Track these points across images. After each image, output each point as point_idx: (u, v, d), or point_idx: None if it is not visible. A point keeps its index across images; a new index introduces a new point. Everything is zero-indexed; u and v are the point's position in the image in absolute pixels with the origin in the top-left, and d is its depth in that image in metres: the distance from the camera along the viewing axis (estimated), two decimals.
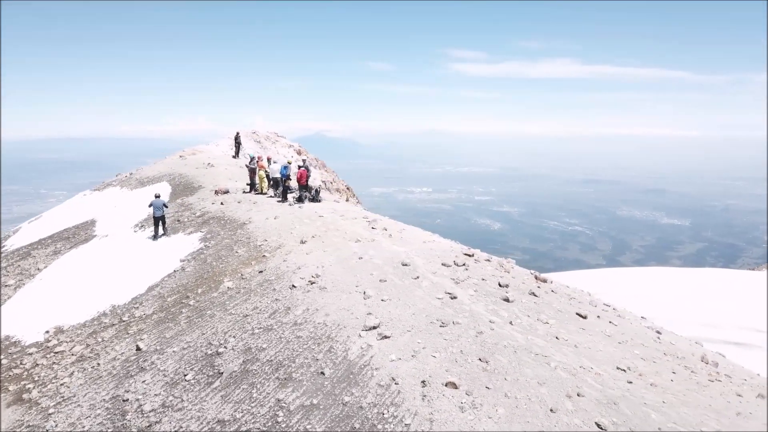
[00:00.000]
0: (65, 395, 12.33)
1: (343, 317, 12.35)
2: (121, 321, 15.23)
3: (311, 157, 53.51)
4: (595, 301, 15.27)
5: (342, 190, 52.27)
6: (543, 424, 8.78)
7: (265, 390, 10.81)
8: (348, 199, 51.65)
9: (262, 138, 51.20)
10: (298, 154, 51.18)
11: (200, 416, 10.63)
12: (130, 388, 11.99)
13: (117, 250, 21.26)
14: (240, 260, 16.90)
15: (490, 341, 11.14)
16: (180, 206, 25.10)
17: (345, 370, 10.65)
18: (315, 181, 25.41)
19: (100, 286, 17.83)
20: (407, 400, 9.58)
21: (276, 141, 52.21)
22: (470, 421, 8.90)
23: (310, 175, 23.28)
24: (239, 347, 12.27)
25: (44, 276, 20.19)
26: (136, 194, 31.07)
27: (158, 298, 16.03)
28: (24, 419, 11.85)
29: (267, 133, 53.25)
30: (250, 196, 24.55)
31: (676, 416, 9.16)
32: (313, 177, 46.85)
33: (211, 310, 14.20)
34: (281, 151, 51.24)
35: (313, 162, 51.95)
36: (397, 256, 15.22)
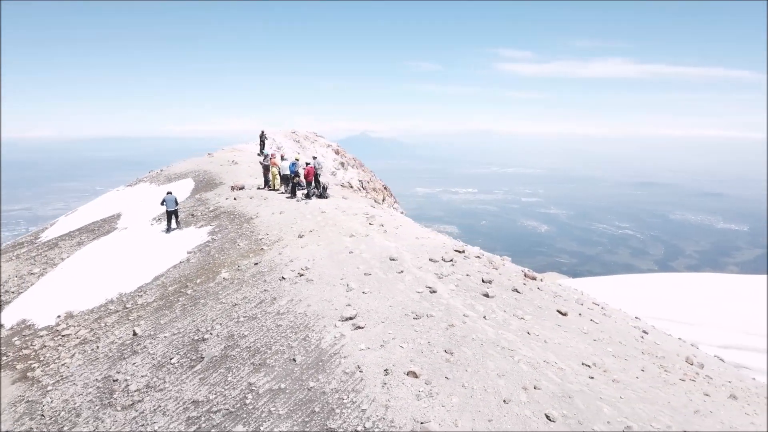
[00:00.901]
0: (64, 374, 13.19)
1: (323, 308, 12.80)
2: (125, 308, 16.09)
3: (349, 156, 54.05)
4: (583, 300, 15.27)
5: (378, 190, 52.71)
6: (493, 414, 9.01)
7: (239, 374, 11.35)
8: (384, 199, 52.04)
9: (301, 138, 51.94)
10: (336, 154, 51.76)
11: (178, 396, 11.26)
12: (121, 369, 12.74)
13: (132, 242, 22.30)
14: (240, 253, 17.57)
15: (459, 334, 11.40)
16: (197, 201, 26.08)
17: (315, 358, 11.09)
18: (326, 178, 25.96)
19: (111, 275, 18.80)
20: (368, 387, 9.95)
21: (315, 141, 52.91)
22: (423, 408, 9.21)
23: (320, 173, 23.85)
24: (223, 334, 12.87)
25: (65, 265, 21.40)
26: (163, 189, 32.20)
27: (161, 287, 16.85)
28: (25, 395, 12.75)
29: (306, 133, 54.01)
30: (263, 192, 25.31)
31: (629, 411, 9.25)
32: (350, 176, 47.45)
33: (205, 299, 14.89)
34: (319, 151, 51.94)
35: (351, 161, 52.48)
36: (387, 251, 15.58)
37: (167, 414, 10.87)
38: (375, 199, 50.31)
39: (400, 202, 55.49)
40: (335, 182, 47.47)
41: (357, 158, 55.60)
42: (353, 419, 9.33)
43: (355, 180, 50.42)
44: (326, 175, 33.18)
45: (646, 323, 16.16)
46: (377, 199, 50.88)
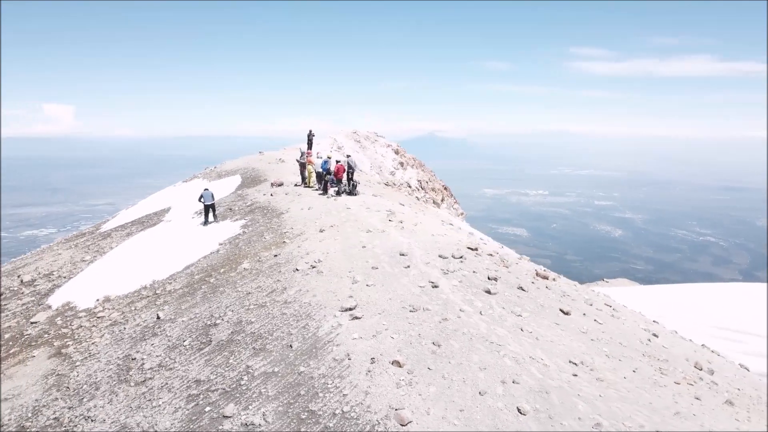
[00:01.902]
0: (92, 352, 14.32)
1: (327, 299, 13.31)
2: (155, 293, 17.20)
3: (409, 156, 54.58)
4: (593, 301, 15.04)
5: (438, 190, 53.00)
6: (466, 405, 9.24)
7: (240, 357, 12.03)
8: (444, 199, 52.22)
9: (362, 138, 52.89)
10: (396, 154, 52.38)
11: (184, 375, 12.05)
12: (140, 349, 13.71)
13: (172, 233, 23.66)
14: (264, 245, 18.38)
15: (450, 328, 11.63)
16: (237, 197, 27.31)
17: (311, 345, 11.61)
18: (361, 176, 26.51)
19: (148, 263, 20.08)
20: (353, 374, 10.38)
21: (375, 141, 53.77)
22: (400, 396, 9.55)
23: (353, 171, 24.44)
24: (233, 320, 13.61)
25: (112, 254, 22.96)
26: (214, 185, 33.82)
27: (189, 275, 17.88)
28: (56, 369, 13.95)
29: (367, 133, 54.92)
30: (298, 189, 26.18)
31: (605, 409, 9.23)
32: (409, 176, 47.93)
33: (224, 288, 15.73)
34: (379, 151, 52.79)
35: (410, 161, 52.99)
36: (398, 247, 15.91)
37: (172, 391, 11.67)
38: (434, 200, 50.54)
39: (465, 204, 55.44)
40: (394, 181, 48.14)
41: (417, 158, 56.01)
42: (333, 403, 9.77)
43: (414, 180, 50.86)
44: (362, 173, 33.70)
45: (662, 327, 15.73)
46: (436, 199, 51.07)
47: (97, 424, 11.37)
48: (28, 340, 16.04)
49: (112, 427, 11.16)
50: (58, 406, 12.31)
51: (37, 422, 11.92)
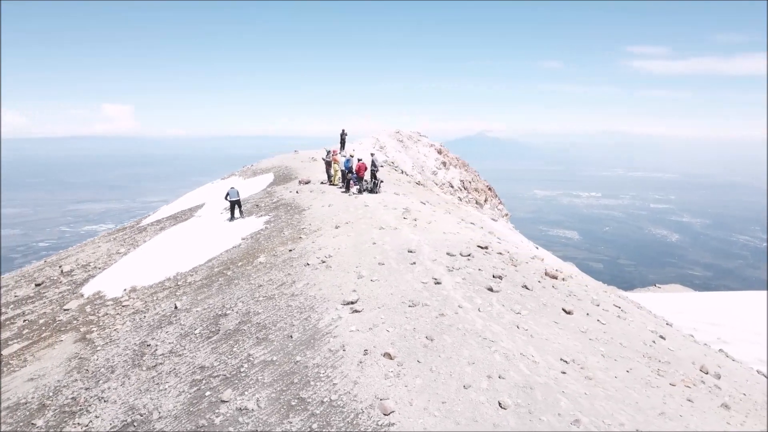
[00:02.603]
0: (113, 338, 15.13)
1: (331, 292, 13.68)
2: (176, 285, 17.97)
3: (452, 156, 54.48)
4: (600, 301, 14.87)
5: (481, 190, 52.75)
6: (449, 397, 9.43)
7: (243, 346, 12.53)
8: (487, 200, 51.93)
9: (405, 137, 53.06)
10: (438, 154, 52.36)
11: (191, 362, 12.64)
12: (155, 336, 14.42)
13: (200, 228, 24.54)
14: (281, 240, 18.91)
15: (446, 323, 11.80)
16: (265, 194, 28.06)
17: (309, 336, 12.00)
18: (383, 175, 26.80)
19: (174, 256, 20.94)
20: (345, 365, 10.71)
21: (418, 140, 53.88)
22: (387, 387, 9.82)
23: (377, 169, 24.78)
24: (242, 310, 14.15)
25: (145, 247, 24.00)
26: (248, 182, 34.84)
27: (209, 268, 18.59)
28: (80, 353, 14.80)
29: (410, 133, 55.07)
30: (324, 186, 26.69)
31: (587, 406, 9.26)
32: (451, 176, 48.01)
33: (239, 280, 16.32)
34: (422, 150, 52.91)
35: (453, 161, 52.85)
36: (408, 244, 16.13)
37: (178, 376, 12.27)
38: (477, 200, 50.31)
39: (514, 205, 55.06)
40: (435, 181, 48.19)
41: (460, 158, 55.85)
42: (323, 391, 10.13)
43: (456, 180, 50.72)
44: (392, 172, 33.90)
45: (676, 330, 15.42)
46: (479, 199, 50.80)
47: (109, 405, 12.07)
48: (59, 326, 17.05)
49: (121, 407, 11.84)
50: (76, 386, 13.11)
51: (57, 401, 12.73)
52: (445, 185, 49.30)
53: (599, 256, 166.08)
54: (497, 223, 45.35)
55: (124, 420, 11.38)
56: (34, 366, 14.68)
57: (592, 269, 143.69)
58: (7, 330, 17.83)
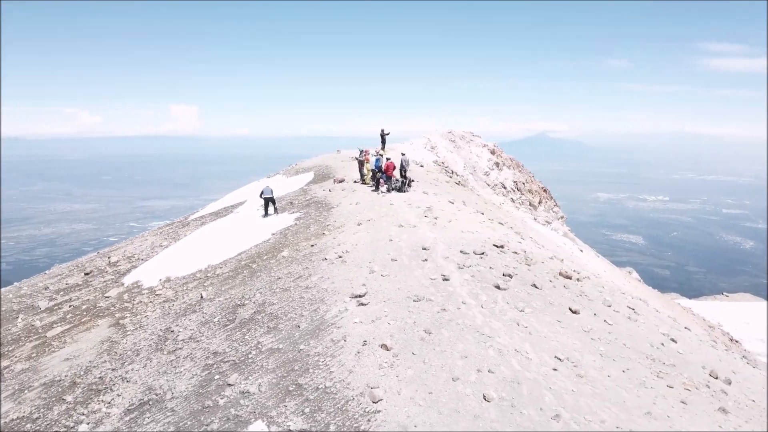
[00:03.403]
0: (143, 324, 16.14)
1: (342, 286, 14.17)
2: (206, 276, 18.91)
3: (505, 156, 54.12)
4: (612, 302, 14.68)
5: (535, 192, 52.23)
6: (435, 388, 9.73)
7: (254, 334, 13.18)
8: (541, 201, 51.35)
9: (457, 137, 53.05)
10: (492, 154, 52.12)
11: (206, 348, 13.40)
12: (179, 323, 15.30)
13: (237, 223, 25.63)
14: (306, 236, 19.57)
15: (446, 318, 12.07)
16: (301, 192, 28.90)
17: (315, 326, 12.52)
18: (413, 174, 27.08)
19: (208, 249, 21.99)
20: (343, 354, 11.18)
21: (470, 140, 53.80)
22: (379, 376, 10.22)
23: (406, 169, 25.13)
24: (258, 301, 14.83)
25: (185, 240, 25.25)
26: (290, 180, 35.87)
27: (237, 261, 19.46)
28: (111, 337, 15.87)
29: (462, 133, 54.99)
30: (356, 185, 27.25)
31: (572, 403, 9.34)
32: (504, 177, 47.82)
33: (261, 272, 17.06)
34: (474, 151, 52.89)
35: (507, 162, 52.48)
36: (423, 241, 16.41)
37: (194, 360, 13.05)
38: (530, 201, 49.81)
39: (575, 208, 54.08)
40: (488, 182, 48.06)
41: (515, 159, 55.36)
42: (320, 378, 10.62)
43: (509, 181, 50.33)
44: (427, 172, 34.05)
45: (693, 334, 15.05)
46: (533, 201, 50.26)
47: (130, 384, 12.98)
48: (98, 311, 18.29)
49: (140, 387, 12.70)
50: (104, 367, 14.11)
51: (86, 379, 13.76)
52: (497, 186, 48.95)
53: (666, 262, 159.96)
54: (542, 225, 44.74)
55: (141, 399, 12.22)
56: (71, 347, 15.85)
57: (658, 276, 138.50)
58: (54, 314, 19.25)
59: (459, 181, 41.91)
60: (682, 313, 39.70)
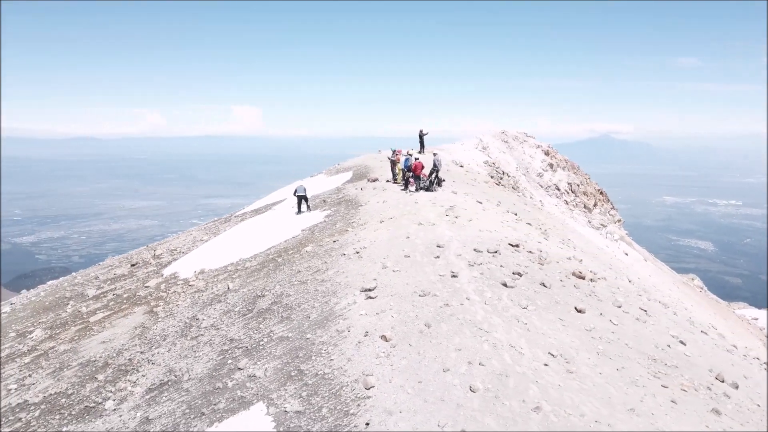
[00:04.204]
0: (173, 312, 17.21)
1: (354, 279, 14.73)
2: (236, 269, 19.88)
3: (560, 157, 53.50)
4: (622, 303, 14.60)
5: (590, 194, 51.47)
6: (425, 378, 10.16)
7: (269, 323, 13.93)
8: (596, 204, 50.46)
9: (510, 138, 52.86)
10: (545, 155, 51.65)
11: (224, 335, 14.25)
12: (205, 311, 16.26)
13: (272, 220, 26.66)
14: (331, 232, 20.24)
15: (447, 312, 12.44)
16: (336, 190, 29.64)
17: (324, 317, 13.14)
18: (444, 174, 27.29)
19: (242, 244, 23.04)
20: (345, 344, 11.76)
21: (524, 141, 53.50)
22: (375, 365, 10.75)
23: (438, 168, 25.49)
24: (277, 292, 15.59)
25: (224, 235, 26.46)
26: (330, 179, 36.72)
27: (265, 255, 20.34)
28: (144, 323, 17.01)
29: (515, 133, 54.70)
30: (388, 184, 27.74)
31: (556, 396, 9.57)
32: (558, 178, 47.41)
33: (284, 266, 17.83)
34: (527, 151, 52.61)
35: (561, 163, 51.87)
36: (439, 239, 16.75)
37: (212, 345, 13.92)
38: (585, 204, 49.06)
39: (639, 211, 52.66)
40: (541, 183, 47.71)
41: (570, 160, 54.58)
42: (320, 365, 11.24)
43: (563, 182, 49.69)
44: (445, 170, 34.01)
45: (709, 338, 14.77)
46: (588, 203, 49.44)
47: (154, 366, 13.97)
48: (137, 300, 19.56)
49: (163, 369, 13.67)
50: (134, 350, 15.21)
51: (117, 360, 14.88)
52: (550, 187, 48.40)
53: (737, 270, 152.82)
54: (591, 227, 43.86)
55: (161, 379, 13.17)
56: (109, 331, 17.09)
57: (728, 284, 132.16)
58: (99, 302, 20.70)
59: (512, 183, 41.60)
60: (737, 323, 38.20)
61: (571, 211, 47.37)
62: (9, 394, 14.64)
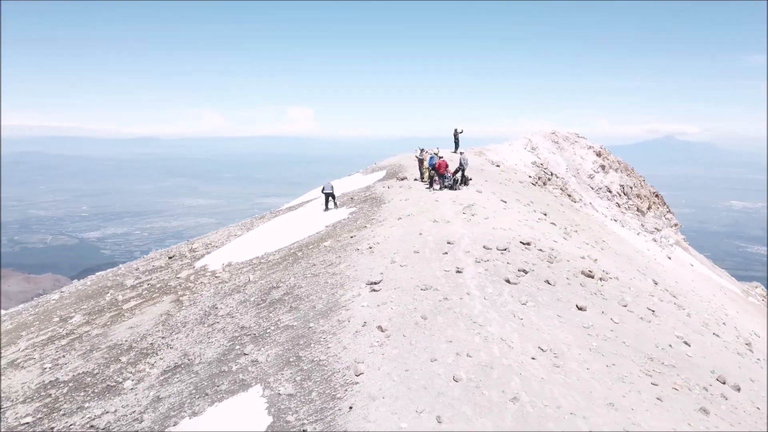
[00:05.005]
0: (196, 301, 18.12)
1: (363, 273, 15.17)
2: (260, 262, 20.66)
3: (613, 159, 52.57)
4: (629, 302, 14.42)
5: (644, 197, 50.27)
6: (412, 367, 10.53)
7: (278, 313, 14.56)
8: (650, 207, 49.18)
9: (561, 138, 52.23)
10: (597, 156, 50.75)
11: (237, 323, 14.96)
12: (224, 301, 17.06)
13: (301, 216, 27.45)
14: (351, 228, 20.73)
15: (445, 306, 12.73)
16: (365, 189, 30.14)
17: (329, 308, 13.65)
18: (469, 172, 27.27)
19: (269, 239, 23.87)
20: (343, 333, 12.25)
21: (575, 142, 52.76)
22: (368, 353, 11.19)
23: (463, 167, 25.64)
24: (290, 284, 16.21)
25: (256, 231, 27.42)
26: (365, 178, 37.15)
27: (288, 249, 21.03)
28: (169, 310, 17.97)
29: (566, 134, 54.00)
30: (415, 183, 27.97)
31: (536, 389, 9.74)
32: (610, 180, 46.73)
33: (301, 260, 18.45)
34: (578, 152, 51.91)
35: (614, 164, 50.85)
36: (451, 236, 16.96)
37: (224, 332, 14.67)
38: (638, 207, 47.89)
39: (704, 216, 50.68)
40: (591, 185, 46.95)
41: (623, 161, 53.37)
42: (317, 352, 11.77)
43: (615, 185, 48.60)
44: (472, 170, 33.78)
45: (723, 341, 14.41)
46: (641, 207, 48.19)
47: (172, 350, 14.84)
48: (167, 289, 20.63)
49: (178, 353, 14.51)
50: (156, 335, 16.15)
51: (140, 344, 15.84)
52: (601, 189, 47.41)
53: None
54: (631, 231, 42.67)
55: (176, 362, 14.01)
56: (137, 318, 18.16)
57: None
58: (134, 291, 21.94)
59: (561, 184, 41.02)
60: None
61: (622, 214, 46.22)
62: (44, 372, 15.85)
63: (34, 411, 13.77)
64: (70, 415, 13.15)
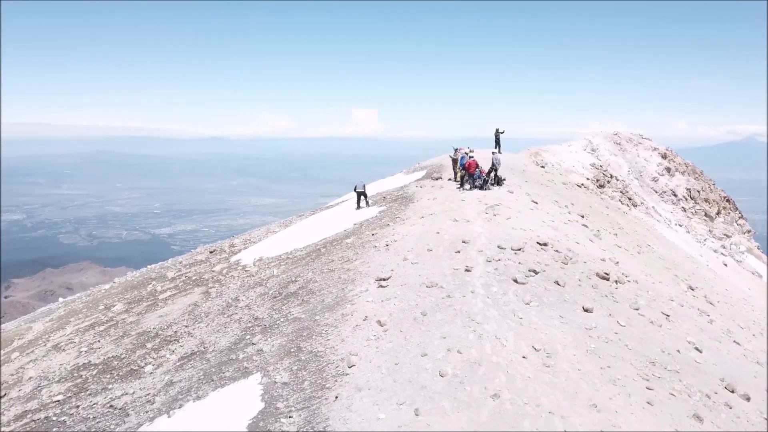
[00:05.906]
0: (222, 293, 18.96)
1: (375, 270, 15.49)
2: (287, 258, 21.30)
3: (679, 161, 50.73)
4: (642, 306, 13.97)
5: (712, 202, 48.35)
6: (402, 360, 10.76)
7: (290, 306, 15.09)
8: (720, 212, 47.10)
9: (623, 140, 51.06)
10: (663, 158, 49.26)
11: (252, 314, 15.61)
12: (246, 294, 17.77)
13: (334, 215, 28.05)
14: (374, 226, 21.03)
15: (446, 303, 12.85)
16: (399, 188, 30.36)
17: (336, 302, 14.06)
18: (503, 173, 26.92)
19: (301, 235, 24.57)
20: (344, 326, 12.63)
21: (638, 143, 51.45)
22: (363, 346, 11.54)
23: (495, 168, 25.45)
24: (306, 278, 16.72)
25: (292, 228, 28.19)
26: (406, 178, 37.35)
27: (314, 246, 21.57)
28: (197, 301, 18.90)
29: (629, 135, 52.69)
30: (447, 182, 27.95)
31: (520, 387, 9.71)
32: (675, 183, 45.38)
33: (322, 256, 18.95)
34: (642, 154, 50.66)
35: (681, 167, 49.23)
36: (468, 235, 16.96)
37: (240, 323, 15.34)
38: (706, 212, 46.02)
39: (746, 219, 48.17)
40: (655, 188, 45.63)
41: (691, 164, 51.43)
42: (317, 344, 12.21)
43: (681, 188, 46.90)
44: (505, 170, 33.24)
45: (736, 346, 13.75)
46: (709, 211, 46.19)
47: (191, 339, 15.65)
48: (200, 282, 21.66)
49: (197, 341, 15.29)
50: (181, 324, 17.04)
51: (166, 332, 16.76)
52: (666, 193, 45.95)
53: None
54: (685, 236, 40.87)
55: (193, 350, 14.78)
56: (168, 308, 19.20)
57: None
58: (172, 283, 23.12)
59: (621, 187, 40.01)
60: None
61: (688, 219, 44.39)
62: (79, 355, 17.05)
63: (66, 390, 14.87)
64: (95, 395, 14.12)
